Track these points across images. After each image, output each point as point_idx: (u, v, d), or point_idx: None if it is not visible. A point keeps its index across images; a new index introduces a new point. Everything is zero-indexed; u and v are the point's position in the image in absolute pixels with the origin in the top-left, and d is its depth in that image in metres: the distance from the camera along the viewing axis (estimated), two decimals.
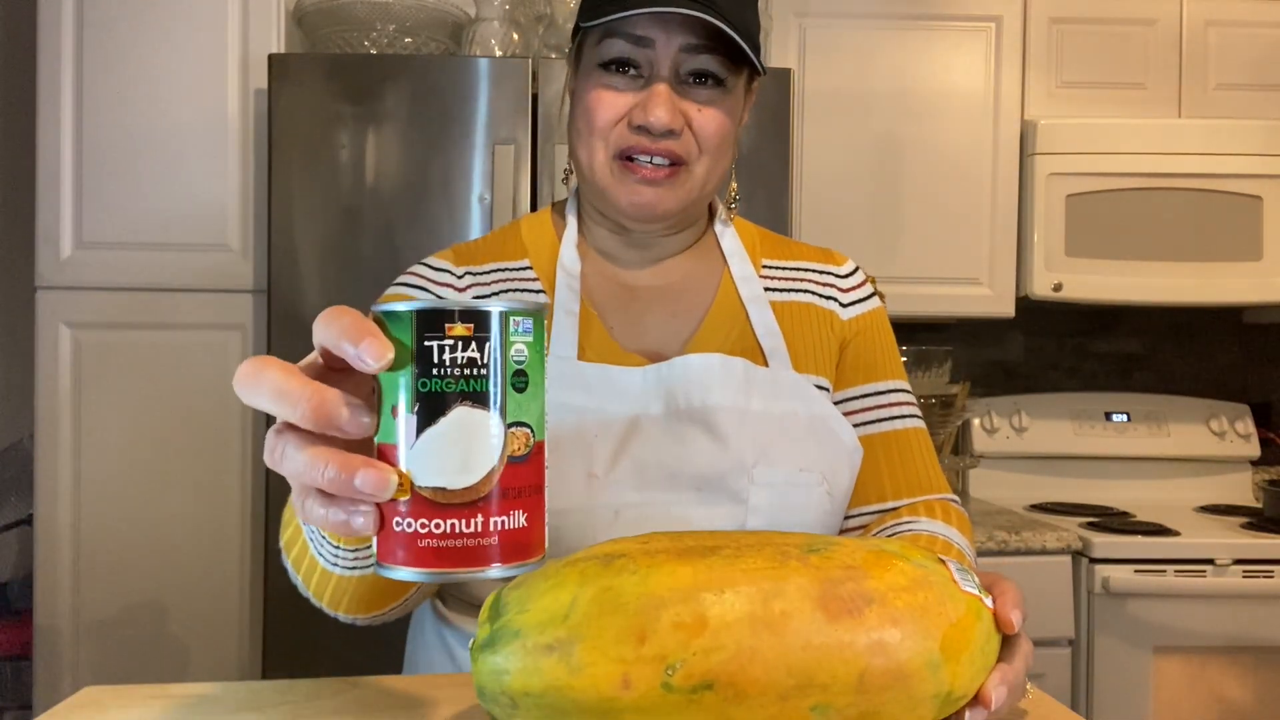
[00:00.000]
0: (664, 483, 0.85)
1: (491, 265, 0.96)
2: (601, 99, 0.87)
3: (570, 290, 0.92)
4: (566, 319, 0.91)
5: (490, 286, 0.94)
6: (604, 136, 0.87)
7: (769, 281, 0.98)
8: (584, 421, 0.86)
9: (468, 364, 0.46)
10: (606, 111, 0.87)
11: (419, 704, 0.70)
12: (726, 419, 0.87)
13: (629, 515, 0.84)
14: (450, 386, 0.46)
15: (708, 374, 0.88)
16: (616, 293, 0.95)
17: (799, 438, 0.88)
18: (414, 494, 0.47)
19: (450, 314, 0.46)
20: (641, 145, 0.86)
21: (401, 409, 0.46)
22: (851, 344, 0.99)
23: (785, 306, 0.97)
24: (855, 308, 1.00)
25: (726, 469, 0.85)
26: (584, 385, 0.88)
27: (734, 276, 0.97)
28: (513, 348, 0.47)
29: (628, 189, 0.88)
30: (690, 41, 0.85)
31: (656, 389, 0.88)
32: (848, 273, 1.02)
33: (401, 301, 0.47)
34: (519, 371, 0.48)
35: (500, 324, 0.47)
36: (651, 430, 0.86)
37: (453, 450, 0.46)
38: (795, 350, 0.95)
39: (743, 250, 0.99)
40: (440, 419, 0.46)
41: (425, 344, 0.46)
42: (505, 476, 0.47)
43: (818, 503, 0.87)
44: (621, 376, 0.88)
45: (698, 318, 0.95)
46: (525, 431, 0.48)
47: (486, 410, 0.47)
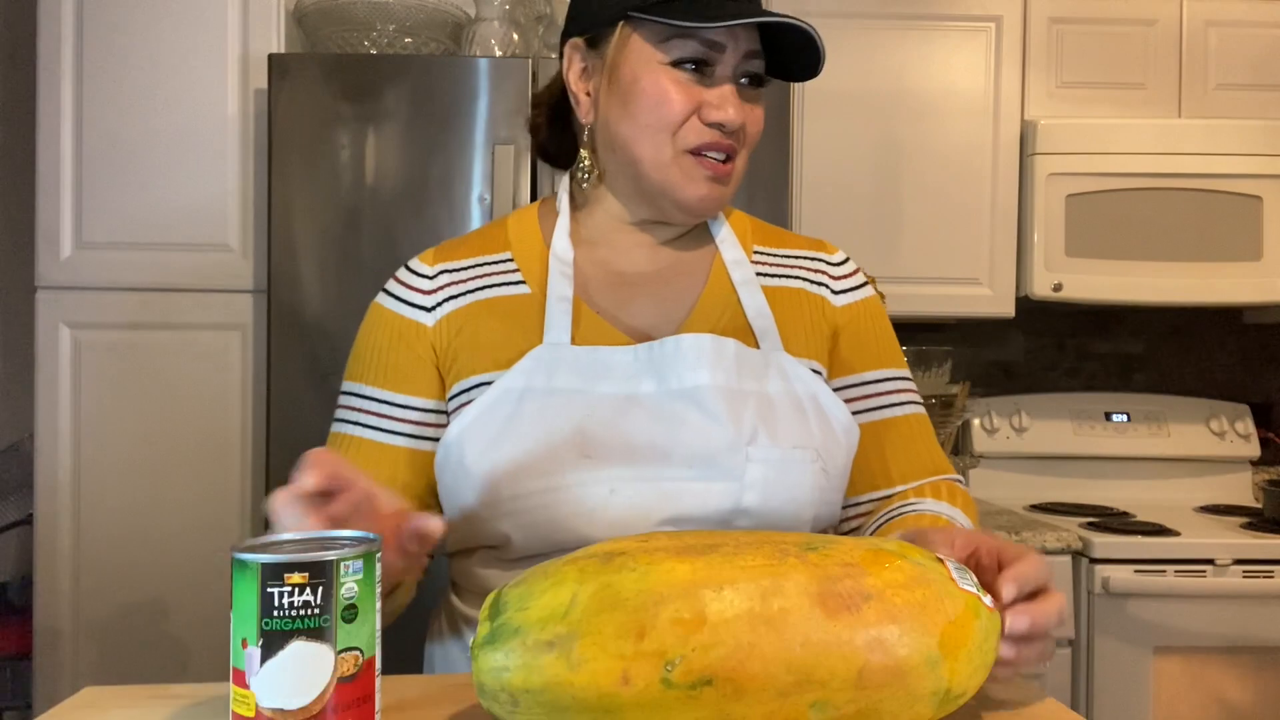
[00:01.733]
0: (658, 460, 0.86)
1: (471, 260, 0.98)
2: (674, 95, 0.89)
3: (564, 277, 0.94)
4: (560, 305, 0.92)
5: (466, 284, 0.96)
6: (673, 131, 0.89)
7: (760, 267, 1.00)
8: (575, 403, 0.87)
9: (304, 605, 0.55)
10: (679, 107, 0.89)
11: (419, 703, 0.70)
12: (719, 397, 0.87)
13: (624, 492, 0.85)
14: (288, 625, 0.55)
15: (699, 353, 0.89)
16: (609, 279, 0.97)
17: (792, 416, 0.89)
18: (258, 712, 0.56)
19: (290, 566, 0.55)
20: (715, 141, 0.90)
21: (249, 642, 0.56)
22: (845, 332, 1.00)
23: (776, 291, 0.98)
24: (847, 295, 1.01)
25: (720, 446, 0.86)
26: (575, 368, 0.89)
27: (725, 260, 0.98)
28: (343, 587, 0.56)
29: (695, 184, 0.91)
30: (752, 49, 0.90)
31: (648, 368, 0.89)
32: (839, 261, 1.03)
33: (249, 552, 0.56)
34: (349, 605, 0.57)
35: (332, 570, 0.56)
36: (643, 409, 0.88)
37: (290, 678, 0.55)
38: (786, 333, 0.96)
39: (733, 236, 1.01)
40: (280, 651, 0.55)
41: (268, 590, 0.55)
42: (336, 694, 0.56)
43: (813, 479, 0.89)
44: (611, 356, 0.90)
45: (690, 301, 0.96)
46: (355, 654, 0.57)
47: (320, 642, 0.56)
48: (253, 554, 0.56)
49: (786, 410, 0.90)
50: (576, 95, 0.95)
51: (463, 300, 0.96)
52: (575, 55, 0.95)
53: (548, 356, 0.90)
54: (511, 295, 0.95)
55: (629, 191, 0.95)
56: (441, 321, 0.96)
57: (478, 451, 0.88)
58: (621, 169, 0.94)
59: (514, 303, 0.95)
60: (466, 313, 0.95)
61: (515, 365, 0.90)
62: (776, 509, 0.87)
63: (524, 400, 0.88)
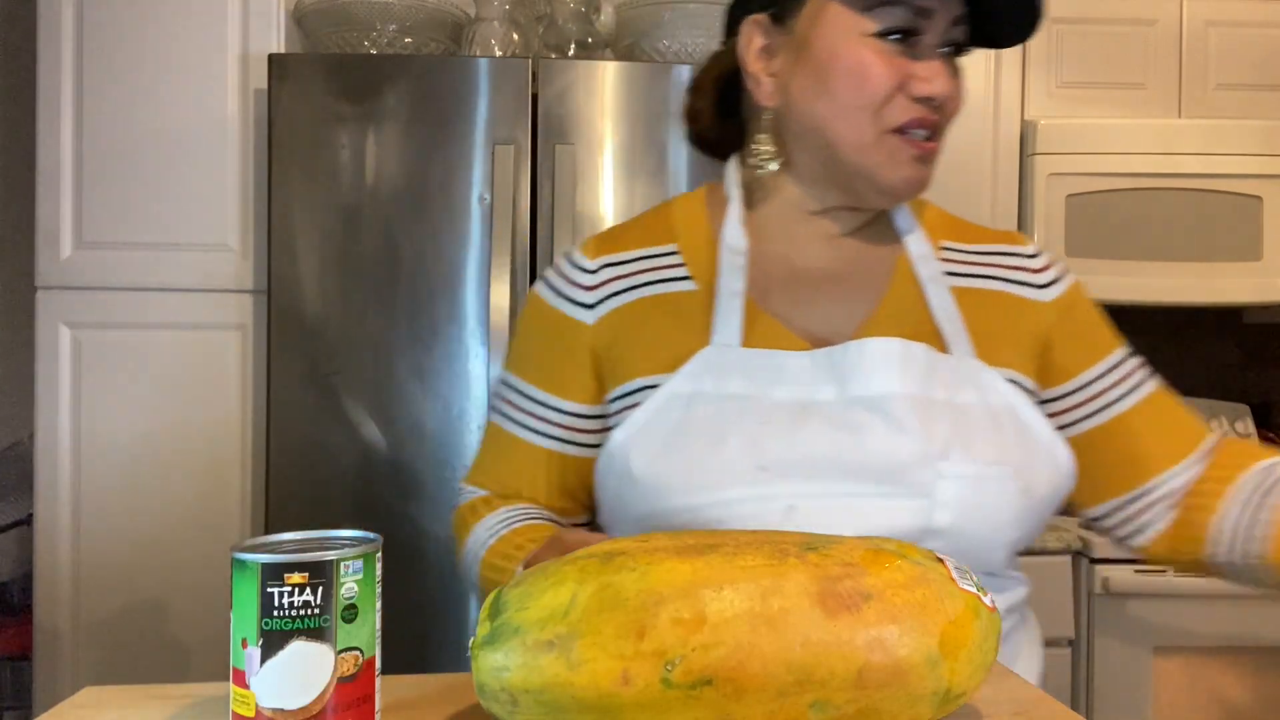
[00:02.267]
0: (840, 474, 0.80)
1: (635, 253, 0.92)
2: (878, 68, 0.81)
3: (736, 269, 0.87)
4: (730, 302, 0.86)
5: (629, 279, 0.91)
6: (876, 109, 0.82)
7: (949, 265, 0.91)
8: (748, 410, 0.81)
9: (304, 605, 0.56)
10: (885, 82, 0.81)
11: (419, 703, 0.70)
12: (908, 407, 0.80)
13: (805, 508, 0.79)
14: (288, 625, 0.56)
15: (887, 359, 0.82)
16: (784, 275, 0.89)
17: (988, 430, 0.82)
18: (258, 712, 0.56)
19: (290, 566, 0.56)
20: (923, 118, 0.83)
21: (249, 642, 0.56)
22: (1057, 333, 0.91)
23: (968, 293, 0.89)
24: (1053, 289, 0.92)
25: (909, 460, 0.79)
26: (747, 371, 0.83)
27: (910, 255, 0.90)
28: (343, 587, 0.57)
29: (899, 165, 0.84)
30: (959, 13, 0.83)
31: (828, 374, 0.83)
32: (1033, 254, 0.94)
33: (249, 552, 0.56)
34: (349, 605, 0.57)
35: (332, 570, 0.56)
36: (823, 418, 0.81)
37: (290, 677, 0.56)
38: (981, 339, 0.87)
39: (919, 228, 0.92)
40: (280, 651, 0.56)
41: (268, 590, 0.55)
42: (336, 694, 0.57)
43: (1011, 500, 0.81)
44: (789, 361, 0.83)
45: (872, 301, 0.88)
46: (355, 654, 0.58)
47: (319, 642, 0.56)
48: (253, 554, 0.56)
49: (982, 424, 0.82)
50: (757, 76, 0.87)
51: (626, 297, 0.90)
52: (756, 32, 0.87)
53: (716, 359, 0.84)
54: (677, 292, 0.89)
55: (817, 177, 0.88)
56: (603, 320, 0.90)
57: (645, 460, 0.82)
58: (813, 154, 0.86)
59: (679, 300, 0.89)
60: (629, 311, 0.89)
61: (681, 368, 0.84)
62: (972, 531, 0.81)
63: (692, 406, 0.82)
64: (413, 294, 1.90)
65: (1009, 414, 0.84)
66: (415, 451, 1.91)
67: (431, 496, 1.91)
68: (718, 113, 0.95)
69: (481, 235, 1.91)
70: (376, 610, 0.59)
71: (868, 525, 0.79)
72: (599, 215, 1.94)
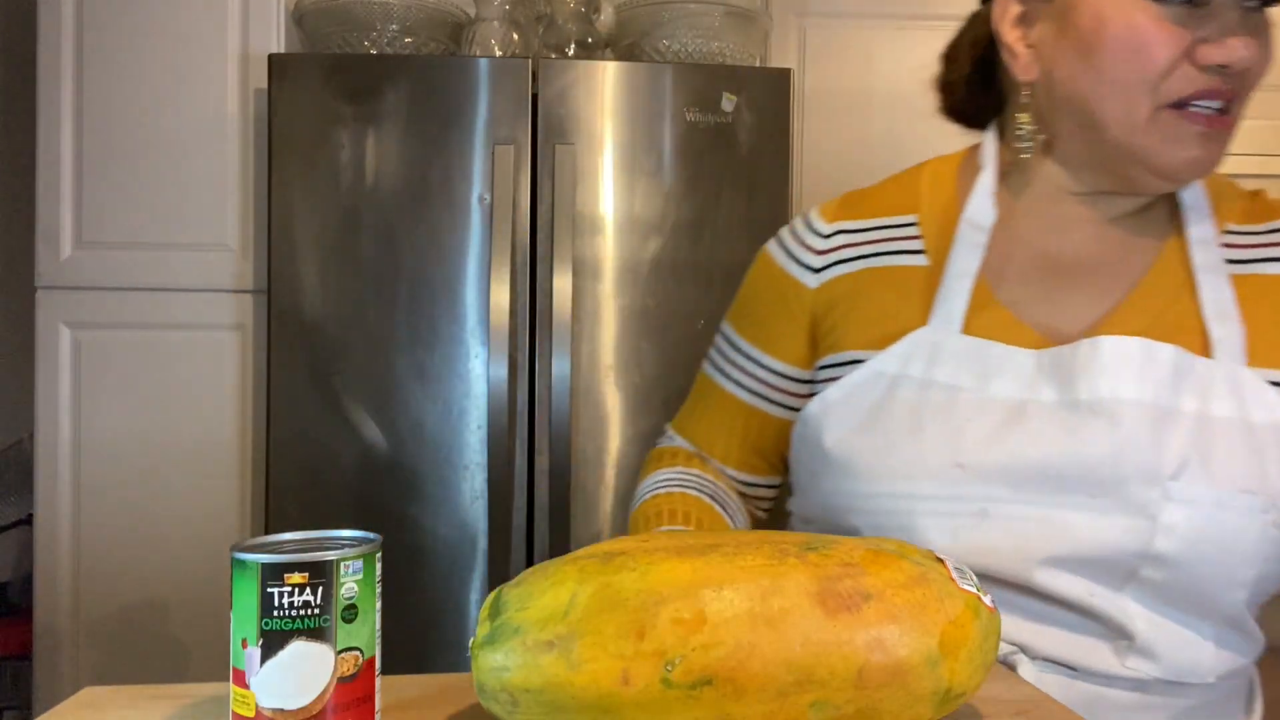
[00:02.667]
0: (1046, 483, 0.73)
1: (872, 222, 0.86)
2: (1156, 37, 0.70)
3: (972, 247, 0.80)
4: (959, 282, 0.79)
5: (860, 248, 0.86)
6: (1154, 84, 0.71)
7: (1232, 251, 0.78)
8: (956, 402, 0.76)
9: (304, 605, 0.56)
10: (1164, 52, 0.70)
11: (419, 703, 0.70)
12: (1139, 415, 0.72)
13: (999, 514, 0.73)
14: (288, 625, 0.56)
15: (1123, 361, 0.73)
16: (1032, 261, 0.81)
17: (1240, 450, 0.72)
18: (258, 712, 0.56)
19: (290, 566, 0.56)
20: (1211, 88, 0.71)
21: (249, 642, 0.56)
22: None
23: (1251, 281, 0.77)
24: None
25: (1130, 474, 0.71)
26: (960, 361, 0.77)
27: (1190, 239, 0.78)
28: (343, 587, 0.57)
29: (1180, 145, 0.72)
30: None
31: (1053, 374, 0.75)
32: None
33: (249, 552, 0.56)
34: (349, 605, 0.57)
35: (332, 570, 0.56)
36: (1039, 420, 0.74)
37: (290, 677, 0.56)
38: (1260, 339, 0.75)
39: (1208, 206, 0.80)
40: (280, 651, 0.56)
41: (268, 590, 0.55)
42: (336, 695, 0.57)
43: (1258, 535, 0.71)
44: (1011, 356, 0.76)
45: (1124, 290, 0.78)
46: (355, 654, 0.58)
47: (319, 642, 0.56)
48: (253, 554, 0.56)
49: (1234, 442, 0.72)
50: (1013, 48, 0.78)
51: (853, 265, 0.85)
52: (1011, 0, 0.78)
53: (930, 342, 0.78)
54: (907, 266, 0.83)
55: (1084, 159, 0.78)
56: (825, 285, 0.86)
57: (837, 435, 0.79)
58: (1077, 133, 0.77)
59: (907, 275, 0.83)
60: (854, 280, 0.85)
61: (891, 347, 0.79)
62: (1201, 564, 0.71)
63: (896, 388, 0.78)
64: (413, 294, 1.90)
65: (1275, 433, 0.72)
66: (415, 451, 1.91)
67: (431, 496, 1.91)
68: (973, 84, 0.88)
69: (481, 235, 1.91)
70: (376, 610, 0.59)
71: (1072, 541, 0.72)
72: (599, 215, 1.94)
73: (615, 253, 1.94)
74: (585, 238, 1.93)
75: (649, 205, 1.94)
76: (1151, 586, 0.73)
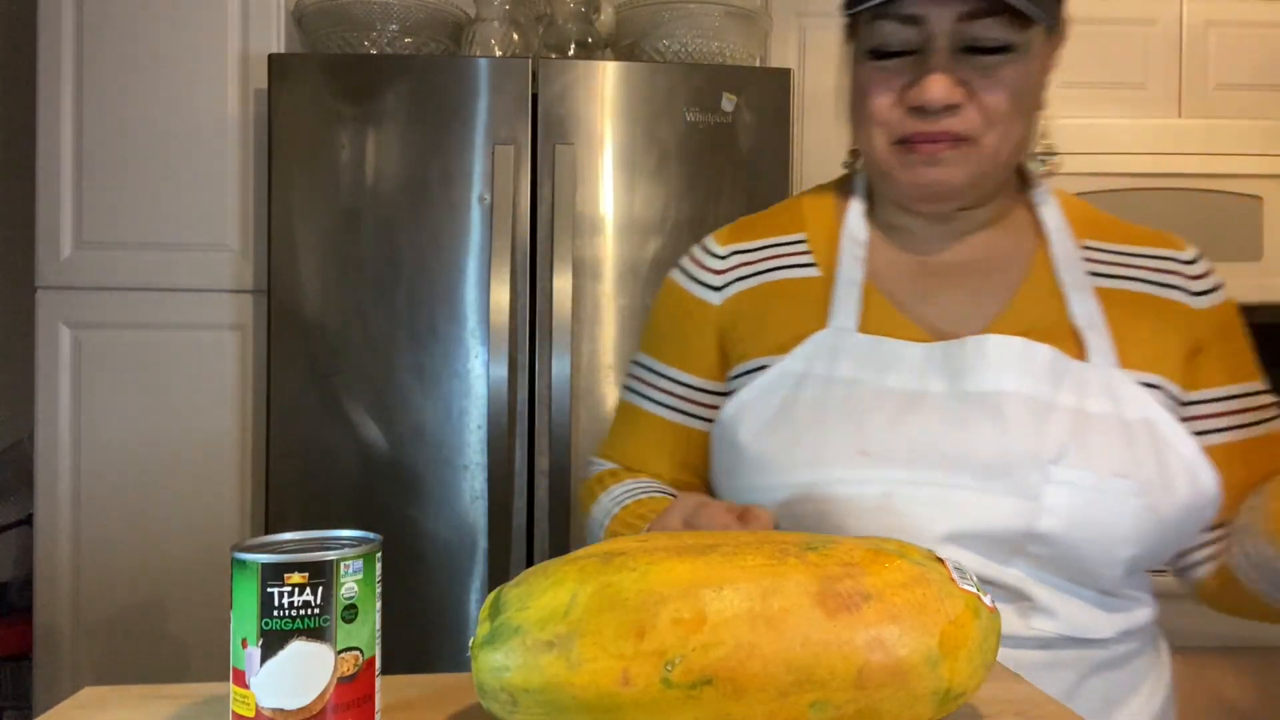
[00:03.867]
0: (941, 466, 0.79)
1: (763, 241, 0.95)
2: (873, 85, 0.83)
3: (855, 260, 0.90)
4: (848, 289, 0.88)
5: (756, 265, 0.94)
6: (881, 123, 0.84)
7: (1093, 265, 0.88)
8: (856, 394, 0.82)
9: (304, 605, 0.56)
10: (880, 99, 0.83)
11: (419, 703, 0.70)
12: (1021, 407, 0.79)
13: (901, 496, 0.79)
14: (288, 625, 0.56)
15: (1005, 357, 0.81)
16: (908, 268, 0.90)
17: (1115, 440, 0.79)
18: (258, 712, 0.56)
19: (290, 566, 0.56)
20: (919, 130, 0.82)
21: (249, 642, 0.56)
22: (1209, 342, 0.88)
23: (1114, 295, 0.87)
24: (1208, 298, 0.89)
25: (1017, 459, 0.78)
26: (859, 357, 0.84)
27: (1053, 256, 0.88)
28: (343, 587, 0.57)
29: (910, 171, 0.84)
30: (966, 9, 0.79)
31: (942, 367, 0.82)
32: (1191, 259, 0.91)
33: (249, 552, 0.57)
34: (349, 605, 0.57)
35: (332, 570, 0.57)
36: (932, 409, 0.81)
37: (290, 678, 0.56)
38: (1125, 344, 0.84)
39: (1066, 227, 0.90)
40: (280, 651, 0.56)
41: (268, 590, 0.56)
42: (336, 694, 0.57)
43: (1133, 517, 0.78)
44: (902, 349, 0.84)
45: (1002, 299, 0.87)
46: (355, 654, 0.58)
47: (319, 642, 0.56)
48: (253, 554, 0.56)
49: (1110, 434, 0.79)
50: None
51: (751, 281, 0.93)
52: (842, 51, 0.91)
53: (830, 342, 0.86)
54: (801, 278, 0.91)
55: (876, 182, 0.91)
56: (728, 301, 0.94)
57: (751, 433, 0.85)
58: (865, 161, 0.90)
59: (802, 285, 0.91)
60: (755, 294, 0.93)
61: (796, 349, 0.87)
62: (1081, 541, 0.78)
63: (802, 385, 0.85)
64: (413, 294, 1.90)
65: (1146, 427, 0.80)
66: (415, 451, 1.91)
67: (431, 496, 1.91)
68: None
69: (481, 235, 1.91)
70: (376, 610, 0.59)
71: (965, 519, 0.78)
72: (599, 215, 1.94)
73: (615, 253, 1.94)
74: (585, 238, 1.93)
75: (649, 205, 1.94)
76: (1037, 560, 0.80)
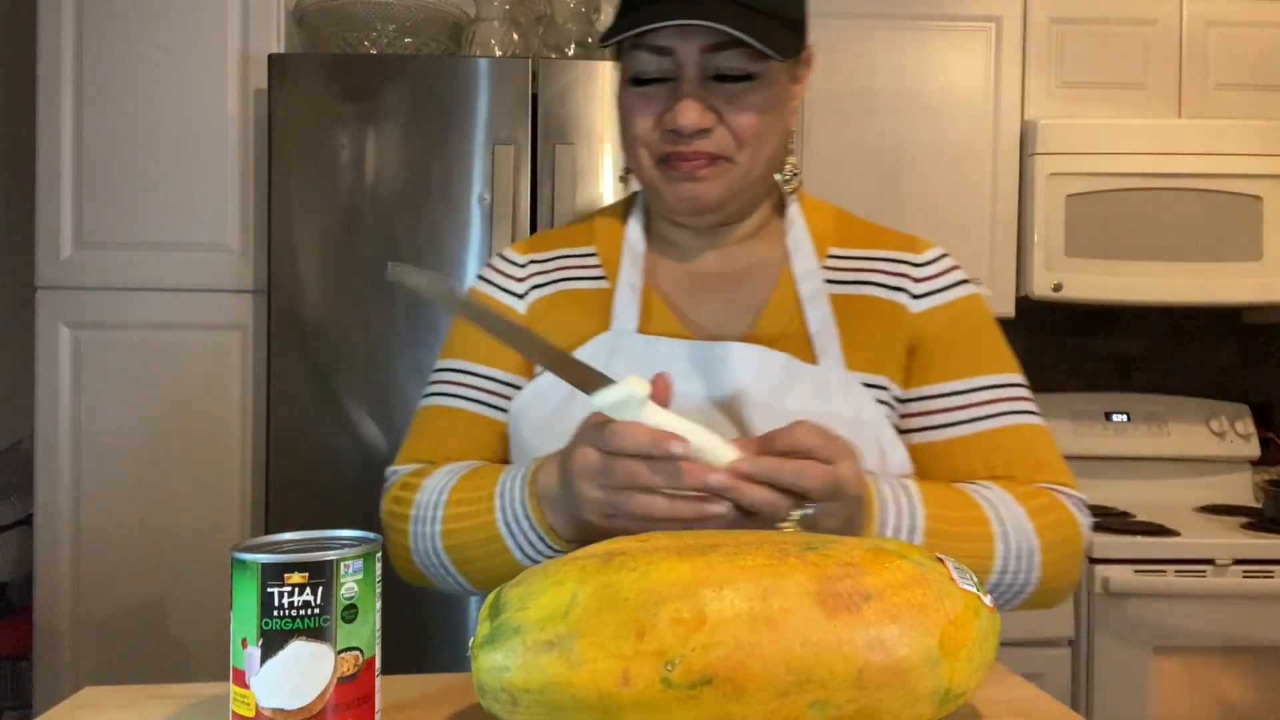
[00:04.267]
0: None
1: (557, 252, 1.02)
2: (635, 110, 0.91)
3: (634, 268, 0.97)
4: (629, 294, 0.95)
5: (551, 274, 1.00)
6: (645, 144, 0.91)
7: (833, 273, 0.96)
8: None
9: (304, 605, 0.56)
10: (641, 121, 0.90)
11: (419, 703, 0.70)
12: (757, 414, 0.86)
13: None
14: (288, 625, 0.56)
15: (744, 366, 0.88)
16: (681, 277, 0.98)
17: None
18: (258, 712, 0.56)
19: (290, 566, 0.56)
20: (677, 150, 0.89)
21: (249, 642, 0.56)
22: (925, 339, 0.94)
23: (846, 300, 0.94)
24: (930, 299, 0.95)
25: None
26: (634, 356, 0.91)
27: (794, 271, 0.96)
28: (343, 587, 0.57)
29: (673, 187, 0.91)
30: (709, 43, 0.86)
31: (700, 369, 0.89)
32: (925, 260, 0.97)
33: (249, 552, 0.57)
34: (349, 605, 0.57)
35: (332, 570, 0.56)
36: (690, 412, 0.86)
37: (290, 677, 0.56)
38: (852, 348, 0.92)
39: (808, 241, 0.97)
40: (280, 651, 0.56)
41: (268, 590, 0.55)
42: (336, 694, 0.57)
43: None
44: (671, 348, 0.90)
45: (758, 306, 0.95)
46: (355, 654, 0.58)
47: (319, 642, 0.56)
48: (253, 554, 0.56)
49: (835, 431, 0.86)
50: None
51: (547, 289, 1.00)
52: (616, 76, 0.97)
53: (610, 342, 0.92)
54: (591, 288, 0.98)
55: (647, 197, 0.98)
56: (530, 307, 1.00)
57: (533, 427, 0.91)
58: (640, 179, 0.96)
59: (592, 294, 0.98)
60: (550, 301, 0.99)
61: (579, 349, 0.93)
62: None
63: None
64: (413, 294, 1.90)
65: (865, 428, 0.88)
66: None
67: None
68: None
69: (481, 235, 1.91)
70: (376, 610, 0.59)
71: None
72: None
73: None
74: None
75: None
76: None
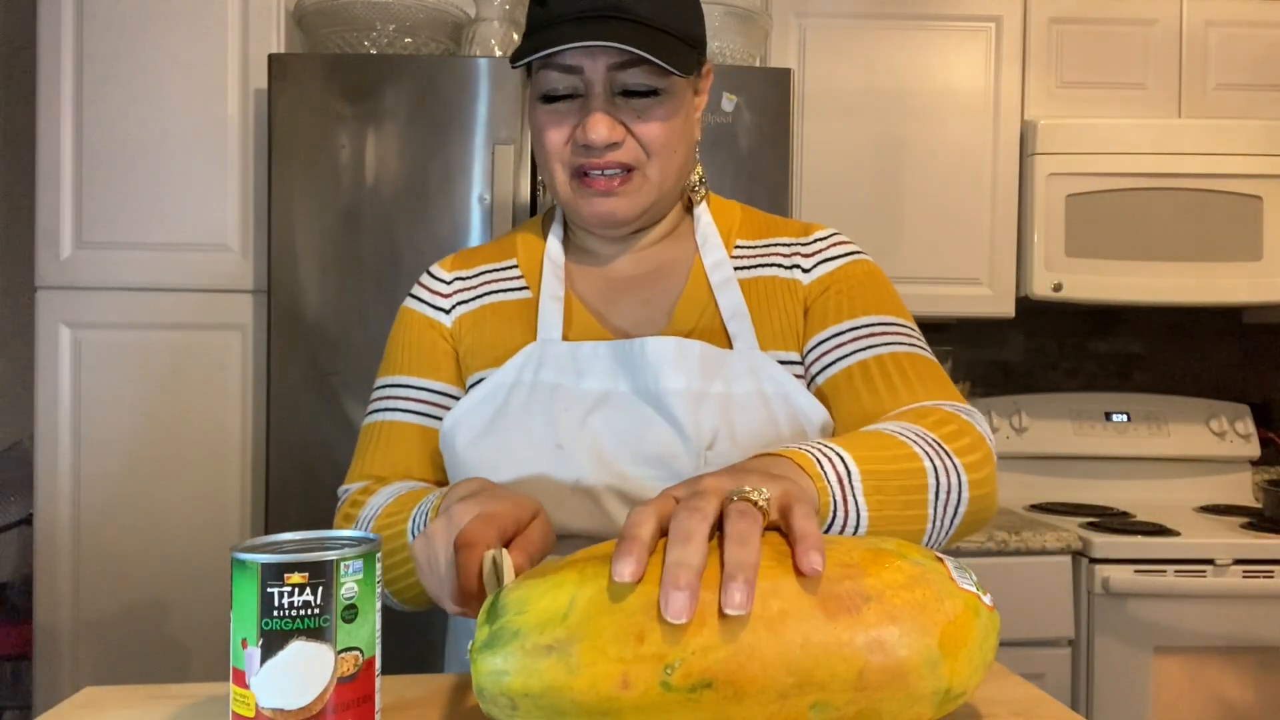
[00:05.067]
0: (623, 459, 0.89)
1: (480, 268, 1.05)
2: (547, 126, 0.93)
3: (556, 278, 1.00)
4: (552, 304, 0.98)
5: (475, 289, 1.03)
6: (558, 158, 0.94)
7: (740, 262, 1.00)
8: (556, 396, 0.92)
9: (304, 605, 0.56)
10: (554, 137, 0.93)
11: (419, 703, 0.70)
12: (680, 402, 0.90)
13: (589, 485, 0.89)
14: (288, 625, 0.56)
15: (662, 357, 0.91)
16: (598, 282, 1.01)
17: (757, 417, 0.90)
18: (258, 712, 0.56)
19: (290, 566, 0.56)
20: (590, 161, 0.92)
21: (249, 642, 0.56)
22: (816, 297, 0.98)
23: (752, 284, 0.99)
24: (820, 268, 0.99)
25: (678, 450, 0.89)
26: (560, 363, 0.94)
27: (704, 263, 1.00)
28: (343, 587, 0.57)
29: (587, 202, 0.94)
30: (615, 61, 0.89)
31: (624, 367, 0.93)
32: (816, 238, 1.01)
33: (249, 552, 0.57)
34: (349, 605, 0.57)
35: (332, 570, 0.57)
36: (616, 408, 0.91)
37: (290, 678, 0.56)
38: (762, 328, 0.96)
39: (716, 235, 1.02)
40: (280, 651, 0.56)
41: (268, 590, 0.55)
42: (336, 694, 0.57)
43: None
44: (594, 351, 0.94)
45: (671, 303, 0.99)
46: (355, 654, 0.58)
47: (319, 642, 0.56)
48: (253, 554, 0.56)
49: (752, 411, 0.90)
50: None
51: (473, 304, 1.03)
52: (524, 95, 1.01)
53: (538, 352, 0.95)
54: (515, 300, 1.01)
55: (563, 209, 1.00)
56: (456, 322, 1.03)
57: (467, 440, 0.93)
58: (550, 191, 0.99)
59: (516, 306, 1.01)
60: (476, 315, 1.02)
61: (508, 361, 0.96)
62: None
63: (512, 393, 0.94)
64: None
65: (784, 400, 0.91)
66: None
67: None
68: None
69: (481, 235, 1.91)
70: (376, 610, 0.59)
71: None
72: None
73: None
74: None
75: None
76: None
